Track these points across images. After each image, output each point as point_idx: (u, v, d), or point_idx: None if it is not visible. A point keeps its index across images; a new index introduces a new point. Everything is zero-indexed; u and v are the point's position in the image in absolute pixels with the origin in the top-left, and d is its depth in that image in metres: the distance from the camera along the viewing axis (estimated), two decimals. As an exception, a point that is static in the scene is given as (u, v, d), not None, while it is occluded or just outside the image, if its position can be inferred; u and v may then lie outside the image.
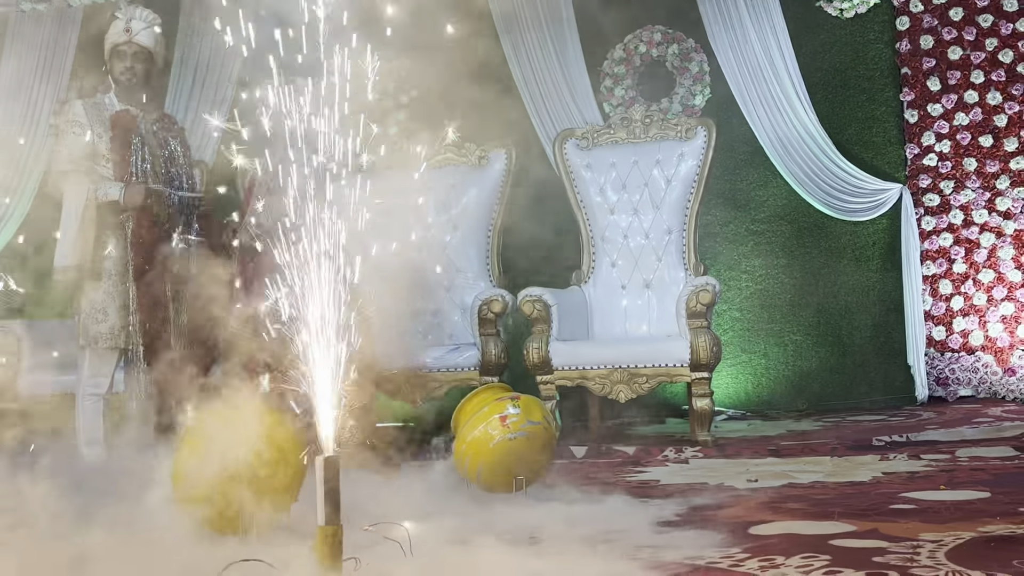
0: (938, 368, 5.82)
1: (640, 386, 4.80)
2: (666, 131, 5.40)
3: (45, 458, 3.26)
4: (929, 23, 5.87)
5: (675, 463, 4.24)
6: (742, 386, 5.98)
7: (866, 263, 5.95)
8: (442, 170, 5.62)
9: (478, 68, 6.25)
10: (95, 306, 4.04)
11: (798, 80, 5.90)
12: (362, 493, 2.80)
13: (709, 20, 6.02)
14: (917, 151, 5.91)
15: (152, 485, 2.85)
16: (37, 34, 6.56)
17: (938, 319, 5.86)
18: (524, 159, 5.69)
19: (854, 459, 4.08)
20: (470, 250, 5.54)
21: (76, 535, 2.59)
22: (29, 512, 2.74)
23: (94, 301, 4.04)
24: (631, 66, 6.18)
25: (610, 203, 5.45)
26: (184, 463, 2.68)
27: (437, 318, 5.50)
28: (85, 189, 4.04)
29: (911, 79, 5.91)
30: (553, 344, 4.90)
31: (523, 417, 3.23)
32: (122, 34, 4.15)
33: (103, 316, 4.04)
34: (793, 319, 5.98)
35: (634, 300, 5.34)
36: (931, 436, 4.55)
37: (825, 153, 5.86)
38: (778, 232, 6.03)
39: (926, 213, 5.88)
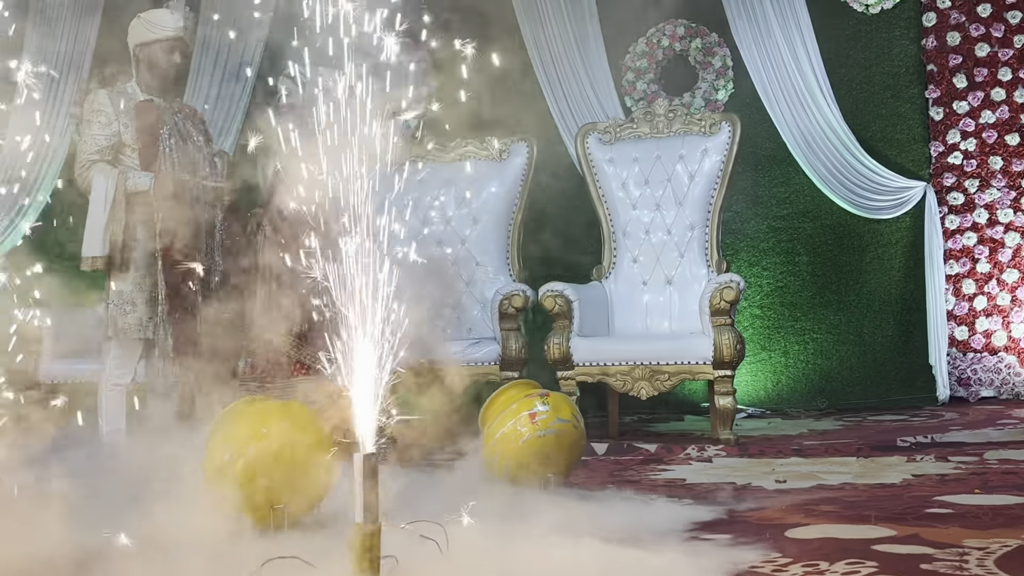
0: (960, 368, 5.78)
1: (662, 383, 4.76)
2: (690, 126, 5.36)
3: (73, 447, 3.25)
4: (956, 19, 5.82)
5: (698, 461, 4.21)
6: (762, 384, 5.95)
7: (888, 261, 5.90)
8: (462, 163, 5.58)
9: (500, 61, 6.22)
10: (123, 298, 4.01)
11: (822, 76, 5.85)
12: (388, 486, 2.77)
13: (733, 14, 5.97)
14: (942, 149, 5.86)
15: (182, 475, 2.83)
16: (58, 24, 6.53)
17: (961, 319, 5.82)
18: (545, 153, 5.64)
19: (880, 460, 4.04)
20: (490, 244, 5.50)
21: (107, 526, 2.57)
22: (58, 502, 2.72)
23: (122, 292, 4.02)
24: (653, 60, 6.14)
25: (632, 198, 5.40)
26: (216, 454, 2.66)
27: (457, 312, 5.47)
28: (113, 178, 4.01)
29: (937, 76, 5.86)
30: (574, 340, 4.87)
31: (552, 414, 3.20)
32: (175, 28, 4.11)
33: (131, 308, 4.02)
34: (814, 317, 5.94)
35: (655, 296, 5.30)
36: (956, 437, 4.51)
37: (848, 150, 5.82)
38: (800, 229, 5.98)
39: (950, 212, 5.84)
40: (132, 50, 4.21)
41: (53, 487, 2.78)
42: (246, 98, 6.40)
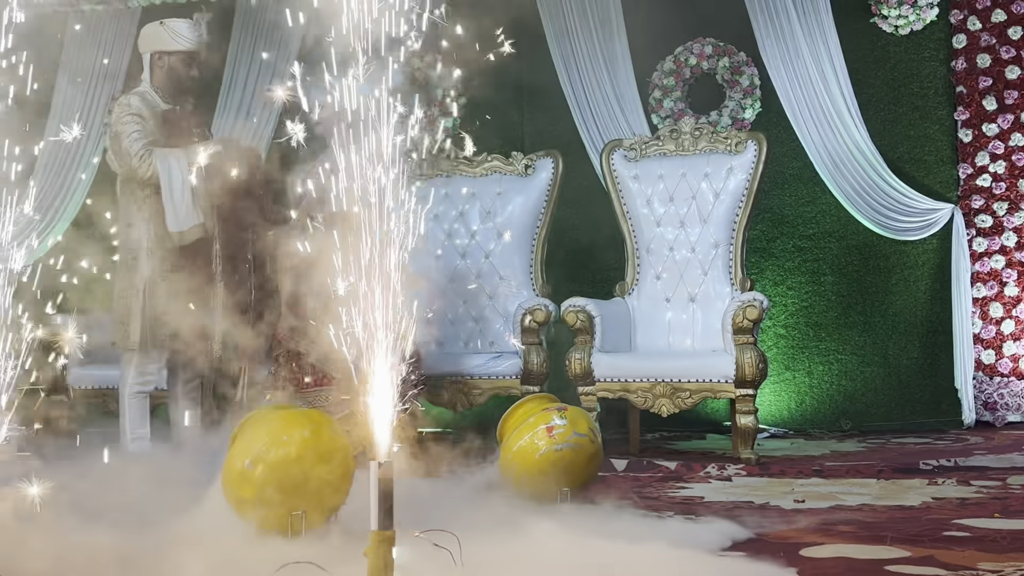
0: (986, 392, 5.72)
1: (683, 401, 4.76)
2: (716, 144, 5.36)
3: (94, 453, 3.30)
4: (987, 41, 5.79)
5: (718, 480, 4.20)
6: (785, 404, 5.92)
7: (915, 283, 5.86)
8: (488, 178, 5.63)
9: (527, 76, 6.27)
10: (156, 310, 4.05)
11: (850, 96, 5.84)
12: (405, 496, 2.79)
13: (761, 34, 5.97)
14: (970, 171, 5.82)
15: (201, 483, 2.87)
16: (95, 34, 6.66)
17: (987, 342, 5.76)
18: (570, 169, 5.67)
19: (901, 482, 4.02)
20: (514, 258, 5.53)
21: (125, 533, 2.61)
22: (77, 509, 2.77)
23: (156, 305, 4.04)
24: (681, 78, 6.16)
25: (656, 215, 5.41)
26: (236, 459, 2.69)
27: (480, 325, 5.51)
28: (179, 156, 4.04)
29: (966, 98, 5.83)
30: (596, 355, 4.88)
31: (569, 429, 3.21)
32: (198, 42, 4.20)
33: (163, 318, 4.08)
34: (839, 338, 5.91)
35: (678, 314, 5.30)
36: (980, 462, 4.47)
37: (876, 171, 5.80)
38: (826, 249, 5.96)
39: (978, 234, 5.79)
40: (149, 54, 4.24)
41: (74, 492, 2.83)
42: (274, 114, 6.46)
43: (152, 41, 4.24)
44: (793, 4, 5.90)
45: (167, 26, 4.22)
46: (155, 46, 4.22)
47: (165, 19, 4.30)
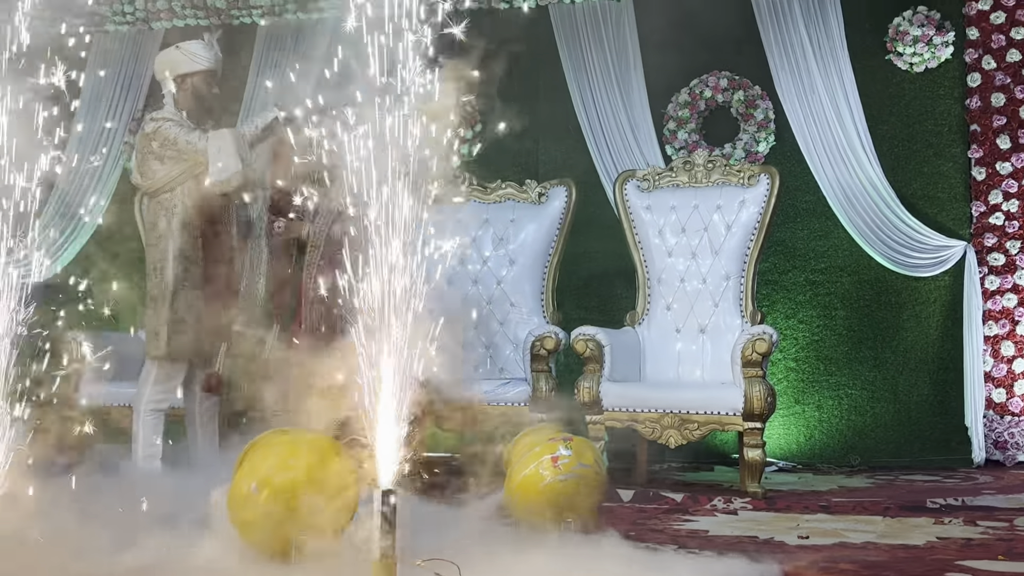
0: (996, 431, 5.70)
1: (691, 432, 4.76)
2: (728, 177, 5.39)
3: (102, 472, 3.32)
4: (1001, 81, 5.81)
5: (724, 513, 4.19)
6: (793, 437, 5.91)
7: (926, 320, 5.86)
8: (502, 204, 5.66)
9: (542, 105, 6.33)
10: (176, 316, 4.17)
11: (864, 132, 5.87)
12: (409, 522, 2.81)
13: (776, 68, 6.02)
14: (983, 209, 5.83)
15: (207, 505, 2.89)
16: (118, 53, 6.77)
17: (999, 381, 5.75)
18: (583, 197, 5.70)
19: (907, 520, 3.99)
20: (525, 285, 5.56)
21: (127, 555, 2.63)
22: (80, 528, 2.78)
23: (178, 310, 4.17)
24: (695, 110, 6.20)
25: (668, 246, 5.44)
26: (242, 483, 2.72)
27: (490, 351, 5.53)
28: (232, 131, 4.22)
29: (980, 136, 5.84)
30: (604, 384, 4.89)
31: (575, 459, 3.22)
32: (216, 61, 4.35)
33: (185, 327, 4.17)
34: (849, 372, 5.90)
35: (688, 345, 5.31)
36: (988, 502, 4.44)
37: (889, 206, 5.81)
38: (837, 283, 5.97)
39: (990, 272, 5.79)
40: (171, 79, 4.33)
41: (80, 511, 2.85)
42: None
43: (172, 65, 4.34)
44: (809, 39, 5.95)
45: (183, 49, 4.33)
46: (177, 70, 4.32)
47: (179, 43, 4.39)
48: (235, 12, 6.57)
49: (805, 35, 5.96)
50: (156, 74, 4.44)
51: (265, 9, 6.51)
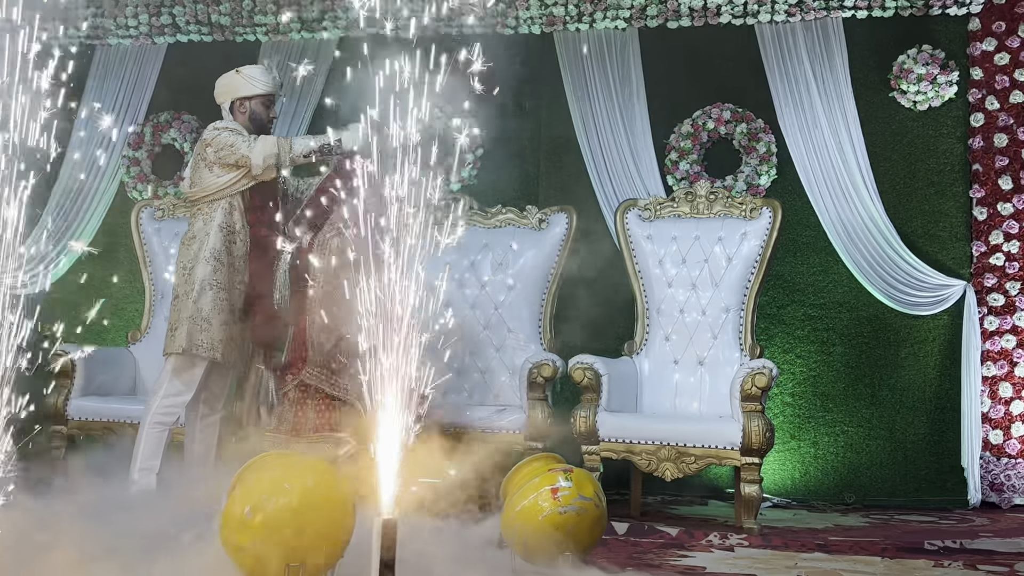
0: (993, 473, 5.66)
1: (688, 466, 4.71)
2: (730, 209, 5.37)
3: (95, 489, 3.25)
4: (1004, 121, 5.82)
5: (720, 550, 4.13)
6: (788, 473, 5.85)
7: (924, 359, 5.83)
8: (502, 229, 5.63)
9: (544, 131, 6.32)
10: (202, 314, 4.16)
11: (866, 168, 5.86)
12: (404, 550, 2.74)
13: (780, 102, 6.02)
14: (984, 249, 5.81)
15: (199, 526, 2.82)
16: (120, 68, 6.74)
17: (996, 422, 5.71)
18: (584, 225, 5.67)
19: (906, 562, 3.95)
20: (523, 312, 5.51)
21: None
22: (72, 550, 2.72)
23: (201, 309, 4.16)
24: (698, 141, 6.19)
25: (668, 276, 5.40)
26: (236, 506, 2.65)
27: (485, 377, 5.47)
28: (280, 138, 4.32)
29: (982, 176, 5.84)
30: (601, 414, 4.84)
31: (575, 492, 3.17)
32: (275, 85, 4.49)
33: (207, 325, 4.15)
34: (846, 409, 5.86)
35: (686, 376, 5.26)
36: (986, 545, 4.39)
37: (889, 244, 5.79)
38: (836, 319, 5.94)
39: (989, 313, 5.77)
40: (231, 102, 4.46)
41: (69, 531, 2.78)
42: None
43: (232, 90, 4.46)
44: (812, 74, 5.96)
45: (243, 73, 4.46)
46: (236, 93, 4.45)
47: (240, 67, 4.51)
48: (239, 29, 6.55)
49: (809, 70, 5.97)
50: (216, 97, 4.53)
51: (269, 27, 6.49)
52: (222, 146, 4.29)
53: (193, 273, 4.26)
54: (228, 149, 4.27)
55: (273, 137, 4.34)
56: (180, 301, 4.28)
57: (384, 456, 2.15)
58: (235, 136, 4.30)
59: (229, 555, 2.64)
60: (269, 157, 4.24)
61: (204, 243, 4.28)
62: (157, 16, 6.52)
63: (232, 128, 4.35)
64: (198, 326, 4.18)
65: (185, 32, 6.61)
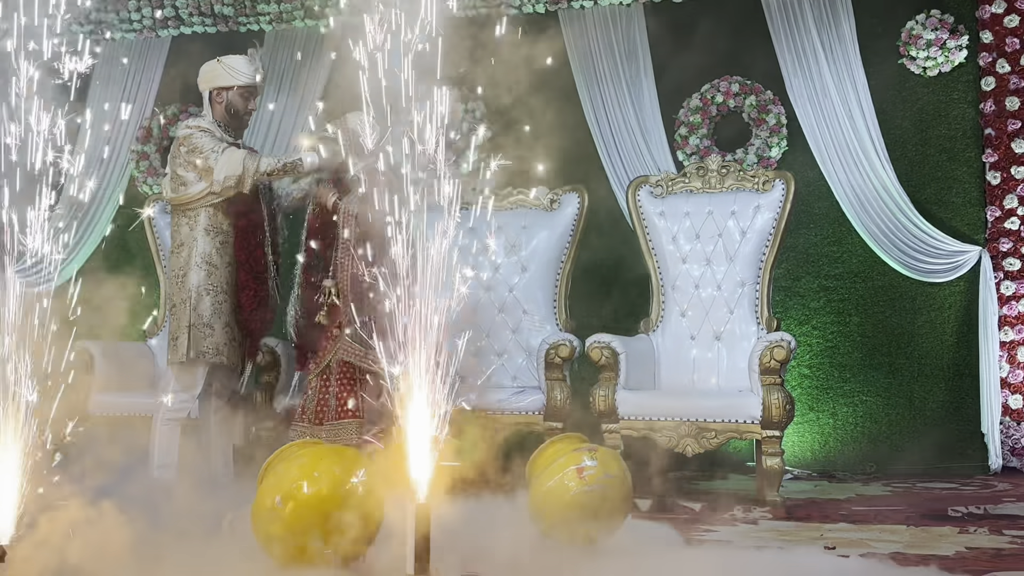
0: (1013, 438, 5.65)
1: (708, 441, 4.71)
2: (743, 182, 5.34)
3: (119, 483, 3.27)
4: (1016, 84, 5.77)
5: (744, 523, 4.14)
6: (808, 445, 5.85)
7: (941, 326, 5.81)
8: (514, 212, 5.61)
9: (552, 111, 6.29)
10: (203, 320, 4.16)
11: (877, 136, 5.83)
12: (436, 533, 2.75)
13: (788, 73, 5.98)
14: (998, 214, 5.78)
15: (227, 518, 2.84)
16: (125, 61, 6.72)
17: (1015, 387, 5.69)
18: (596, 204, 5.65)
19: (932, 530, 3.94)
20: (538, 293, 5.50)
21: (151, 566, 2.58)
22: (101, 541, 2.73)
23: (202, 315, 4.16)
24: (707, 115, 6.15)
25: (682, 252, 5.39)
26: (266, 496, 2.66)
27: (502, 359, 5.47)
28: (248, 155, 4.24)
29: (994, 140, 5.80)
30: (620, 393, 4.83)
31: (601, 470, 3.17)
32: (256, 76, 4.37)
33: (210, 331, 4.15)
34: (864, 379, 5.85)
35: (703, 352, 5.25)
36: (1010, 510, 4.40)
37: (903, 212, 5.77)
38: (851, 290, 5.92)
39: (1006, 278, 5.74)
40: (208, 91, 4.39)
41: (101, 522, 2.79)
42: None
43: (210, 78, 4.40)
44: (821, 44, 5.92)
45: (224, 63, 4.38)
46: (214, 83, 4.38)
47: (222, 56, 4.43)
48: (242, 19, 6.52)
49: (817, 39, 5.93)
50: (198, 84, 4.48)
51: (272, 16, 6.47)
52: (192, 147, 4.24)
53: (187, 280, 4.23)
54: (196, 152, 4.23)
55: (242, 153, 4.24)
56: (178, 309, 4.26)
57: (416, 441, 2.15)
58: (207, 140, 4.23)
59: (261, 545, 2.65)
60: (230, 178, 4.16)
61: (193, 248, 4.24)
62: (160, 9, 6.50)
63: (206, 129, 4.27)
64: (201, 333, 4.18)
65: (188, 24, 6.60)
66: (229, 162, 4.16)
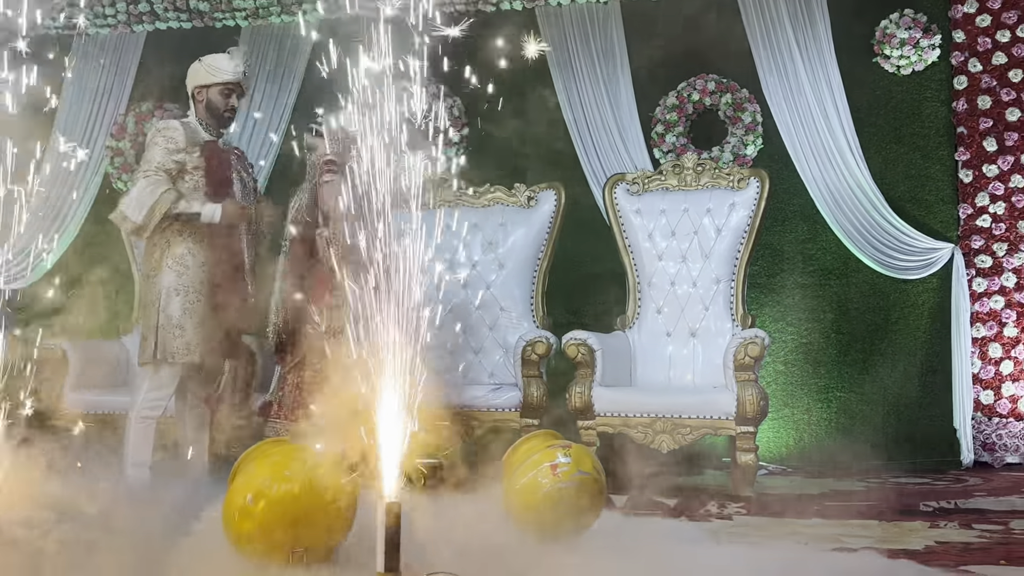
0: (985, 433, 5.71)
1: (683, 437, 4.74)
2: (718, 180, 5.37)
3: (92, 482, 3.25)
4: (987, 83, 5.83)
5: (718, 519, 4.16)
6: (784, 441, 5.89)
7: (914, 322, 5.86)
8: (491, 209, 5.62)
9: (530, 108, 6.29)
10: (172, 321, 4.12)
11: (851, 134, 5.87)
12: (407, 529, 2.75)
13: (764, 71, 6.02)
14: (970, 211, 5.84)
15: (200, 517, 2.83)
16: (99, 57, 6.68)
17: (986, 383, 5.76)
18: (573, 201, 5.67)
19: (903, 524, 3.98)
20: (515, 290, 5.51)
21: (123, 567, 2.57)
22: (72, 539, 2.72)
23: (171, 316, 4.13)
24: (683, 113, 6.18)
25: (658, 249, 5.41)
26: (237, 495, 2.66)
27: (479, 356, 5.48)
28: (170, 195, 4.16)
29: (967, 138, 5.86)
30: (596, 389, 4.86)
31: (574, 466, 3.18)
32: (235, 73, 4.34)
33: (180, 332, 4.13)
34: (838, 375, 5.90)
35: (679, 348, 5.28)
36: (980, 504, 4.45)
37: (877, 209, 5.81)
38: (826, 286, 5.97)
39: (977, 274, 5.80)
40: (191, 90, 4.40)
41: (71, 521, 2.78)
42: (280, 136, 6.48)
43: (192, 78, 4.40)
44: (796, 42, 5.95)
45: (204, 62, 4.38)
46: (195, 82, 4.39)
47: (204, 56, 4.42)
48: (218, 15, 6.49)
49: (792, 38, 5.96)
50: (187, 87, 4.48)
51: (248, 11, 6.44)
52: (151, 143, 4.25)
53: (156, 281, 4.20)
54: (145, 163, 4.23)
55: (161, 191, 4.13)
56: (148, 309, 4.24)
57: (386, 439, 2.15)
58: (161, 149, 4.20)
59: (232, 543, 2.64)
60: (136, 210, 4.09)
61: (166, 250, 4.21)
62: (135, 4, 6.46)
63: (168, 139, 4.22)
64: (170, 334, 4.14)
65: (164, 20, 6.55)
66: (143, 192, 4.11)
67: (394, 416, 2.16)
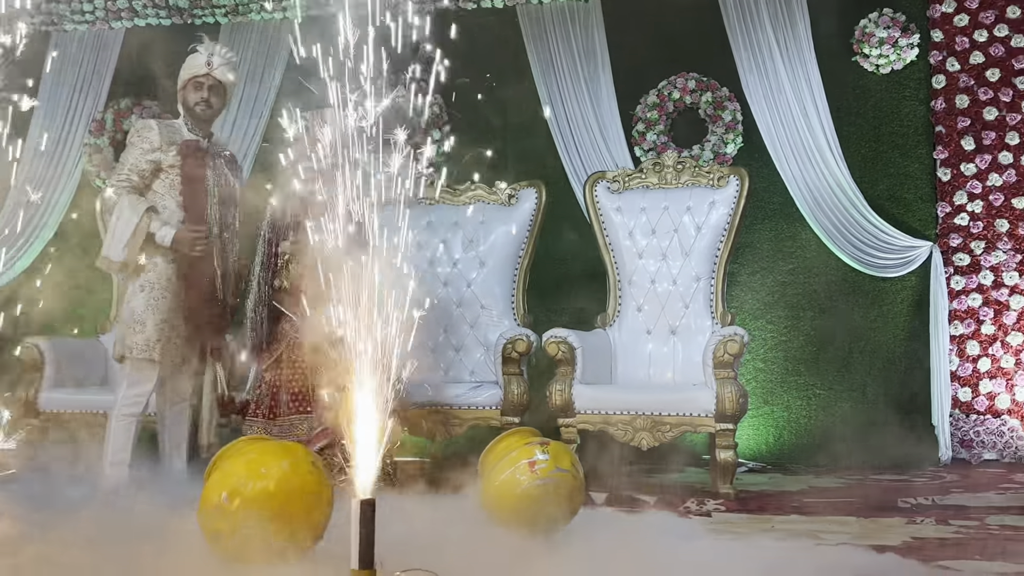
0: (962, 430, 5.75)
1: (663, 434, 4.74)
2: (698, 178, 5.39)
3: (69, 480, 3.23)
4: (965, 83, 5.87)
5: (697, 516, 4.18)
6: (763, 438, 5.92)
7: (893, 320, 5.90)
8: (472, 206, 5.61)
9: (511, 106, 6.30)
10: (134, 316, 4.11)
11: (831, 133, 5.90)
12: (383, 528, 2.75)
13: (744, 69, 6.03)
14: (949, 210, 5.88)
15: (176, 514, 2.82)
16: (78, 54, 6.63)
17: (964, 380, 5.80)
18: (553, 199, 5.67)
19: (881, 520, 4.00)
20: (496, 288, 5.51)
21: (98, 563, 2.55)
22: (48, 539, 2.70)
23: (134, 311, 4.11)
24: (664, 112, 6.19)
25: (639, 247, 5.42)
26: (213, 492, 2.64)
27: (460, 354, 5.47)
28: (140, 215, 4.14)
29: (945, 137, 5.90)
30: (576, 387, 4.85)
31: (552, 464, 3.18)
32: (202, 67, 4.31)
33: (140, 327, 4.11)
34: (817, 373, 5.93)
35: (659, 346, 5.29)
36: (957, 500, 4.48)
37: (856, 207, 5.84)
38: (805, 284, 5.99)
39: (956, 272, 5.84)
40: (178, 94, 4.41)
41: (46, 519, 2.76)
42: (259, 134, 6.45)
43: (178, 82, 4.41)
44: (776, 41, 5.98)
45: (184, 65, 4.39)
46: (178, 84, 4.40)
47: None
48: (197, 11, 6.45)
49: (772, 37, 5.98)
50: None
51: (228, 8, 6.40)
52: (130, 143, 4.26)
53: (136, 279, 4.20)
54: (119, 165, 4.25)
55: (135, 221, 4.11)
56: (129, 306, 4.24)
57: (362, 436, 2.14)
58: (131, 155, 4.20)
59: (207, 541, 2.63)
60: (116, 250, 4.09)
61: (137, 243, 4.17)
62: (113, 0, 6.41)
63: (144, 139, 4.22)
64: (131, 328, 4.14)
65: (143, 16, 6.51)
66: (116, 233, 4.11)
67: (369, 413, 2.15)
